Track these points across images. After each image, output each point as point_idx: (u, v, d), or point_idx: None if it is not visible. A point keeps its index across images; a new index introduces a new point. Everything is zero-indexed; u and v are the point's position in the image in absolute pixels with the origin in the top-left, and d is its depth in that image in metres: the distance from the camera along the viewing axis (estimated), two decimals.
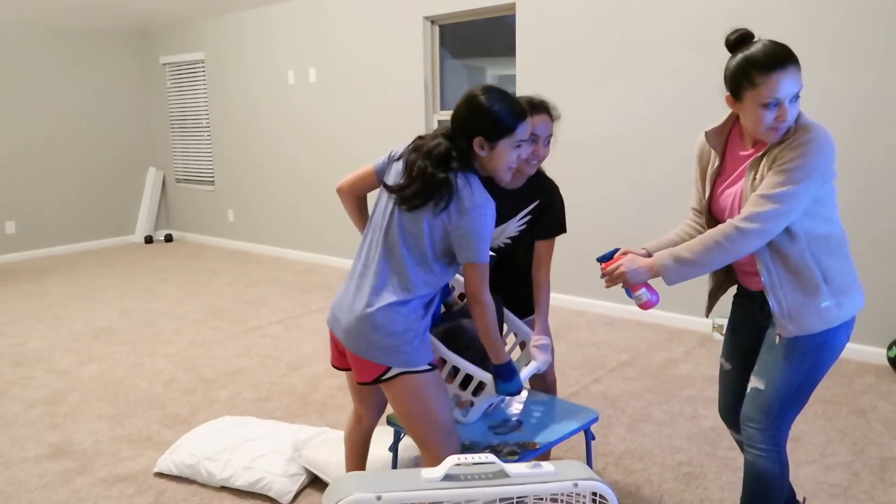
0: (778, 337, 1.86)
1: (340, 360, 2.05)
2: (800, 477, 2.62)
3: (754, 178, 1.78)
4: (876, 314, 3.73)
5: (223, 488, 2.61)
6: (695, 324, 4.40)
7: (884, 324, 3.73)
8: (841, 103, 3.68)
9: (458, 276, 2.36)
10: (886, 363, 3.74)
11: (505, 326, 2.25)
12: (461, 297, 2.34)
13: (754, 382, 1.92)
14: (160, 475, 2.72)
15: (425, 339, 1.88)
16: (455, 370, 2.01)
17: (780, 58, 1.67)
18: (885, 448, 2.83)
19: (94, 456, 2.89)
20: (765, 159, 1.77)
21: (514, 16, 4.89)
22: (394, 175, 1.91)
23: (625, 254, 2.06)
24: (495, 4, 4.95)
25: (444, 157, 1.80)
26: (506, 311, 2.23)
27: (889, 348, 3.68)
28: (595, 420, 2.19)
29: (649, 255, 2.11)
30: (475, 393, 2.02)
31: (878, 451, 2.81)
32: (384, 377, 1.85)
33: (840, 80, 3.67)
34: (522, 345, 2.31)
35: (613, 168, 4.59)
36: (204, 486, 2.64)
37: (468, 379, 2.01)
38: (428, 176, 1.79)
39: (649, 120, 4.38)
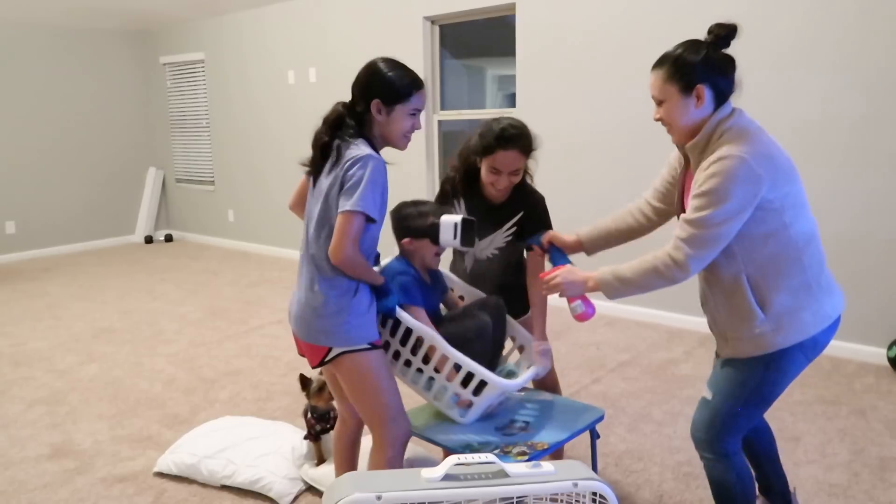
0: None
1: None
2: (800, 477, 2.62)
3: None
4: (876, 314, 3.73)
5: (223, 488, 2.61)
6: (695, 324, 4.39)
7: (884, 324, 3.73)
8: (843, 105, 3.68)
9: (453, 276, 2.37)
10: (886, 363, 3.73)
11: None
12: (461, 297, 2.35)
13: (704, 391, 1.91)
14: (160, 475, 2.72)
15: (363, 319, 1.89)
16: (457, 368, 2.01)
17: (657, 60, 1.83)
18: (885, 448, 2.83)
19: (94, 456, 2.89)
20: (696, 175, 1.73)
21: (514, 16, 4.89)
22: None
23: (551, 241, 2.08)
24: (495, 4, 4.95)
25: (337, 122, 1.87)
26: (508, 316, 2.24)
27: (889, 348, 3.68)
28: (601, 418, 2.22)
29: (579, 241, 2.12)
30: (475, 393, 2.02)
31: (878, 451, 2.81)
32: (327, 359, 1.91)
33: (842, 82, 3.67)
34: (521, 349, 2.32)
35: (612, 168, 4.59)
36: (204, 485, 2.64)
37: (469, 379, 2.01)
38: (319, 141, 1.88)
39: (650, 119, 4.37)
